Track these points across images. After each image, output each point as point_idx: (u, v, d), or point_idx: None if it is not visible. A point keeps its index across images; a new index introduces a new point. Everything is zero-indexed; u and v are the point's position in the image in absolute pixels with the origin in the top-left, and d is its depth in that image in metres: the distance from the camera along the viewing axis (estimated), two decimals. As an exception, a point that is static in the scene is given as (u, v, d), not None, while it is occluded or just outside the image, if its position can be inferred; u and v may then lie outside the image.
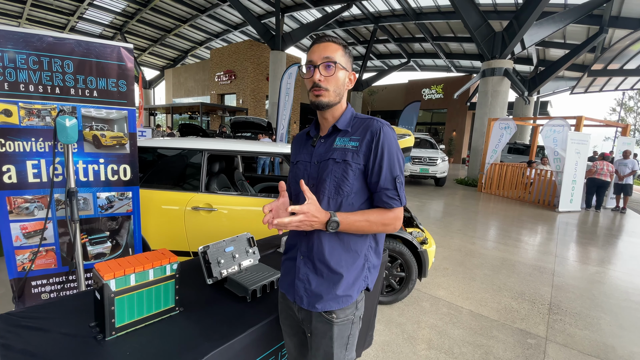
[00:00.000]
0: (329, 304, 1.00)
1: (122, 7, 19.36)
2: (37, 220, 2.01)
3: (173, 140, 3.10)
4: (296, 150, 1.16)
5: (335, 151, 1.01)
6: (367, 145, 0.98)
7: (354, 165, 0.98)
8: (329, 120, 1.06)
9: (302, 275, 1.04)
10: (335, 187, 1.00)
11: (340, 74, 0.99)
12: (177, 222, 2.68)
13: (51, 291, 2.13)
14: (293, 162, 1.15)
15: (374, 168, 0.98)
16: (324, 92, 0.98)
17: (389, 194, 0.97)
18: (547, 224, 6.43)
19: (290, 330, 1.15)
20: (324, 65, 0.97)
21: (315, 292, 1.01)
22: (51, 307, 1.19)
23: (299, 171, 1.10)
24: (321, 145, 1.06)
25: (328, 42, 0.99)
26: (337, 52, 0.98)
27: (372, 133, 0.98)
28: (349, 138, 1.01)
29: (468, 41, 17.03)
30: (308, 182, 1.04)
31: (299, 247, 1.06)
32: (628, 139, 9.22)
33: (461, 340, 2.41)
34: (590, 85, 14.13)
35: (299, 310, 1.07)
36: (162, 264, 1.14)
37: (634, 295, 3.42)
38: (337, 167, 0.99)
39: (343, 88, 1.02)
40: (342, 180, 0.99)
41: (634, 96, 32.97)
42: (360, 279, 1.04)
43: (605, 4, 10.66)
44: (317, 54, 0.98)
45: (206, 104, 18.40)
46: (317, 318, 1.02)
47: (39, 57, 1.87)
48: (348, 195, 0.99)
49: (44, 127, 1.94)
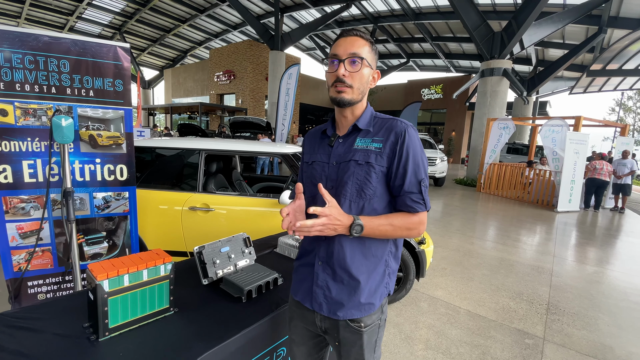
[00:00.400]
0: (351, 311, 0.97)
1: (121, 7, 19.36)
2: (33, 221, 2.00)
3: (170, 140, 3.09)
4: (310, 149, 1.10)
5: (357, 152, 0.96)
6: (391, 147, 0.94)
7: (377, 168, 0.94)
8: (348, 118, 1.01)
9: (320, 282, 1.00)
10: (357, 190, 0.95)
11: (365, 70, 0.94)
12: (175, 222, 2.68)
13: (47, 292, 2.13)
14: (307, 162, 1.09)
15: (398, 171, 0.93)
16: (347, 88, 0.94)
17: (413, 197, 0.93)
18: (545, 224, 6.44)
19: (299, 338, 1.10)
20: (349, 61, 0.92)
21: (335, 299, 0.97)
22: (45, 308, 1.18)
23: (315, 172, 1.04)
24: (340, 145, 1.01)
25: (355, 37, 0.94)
26: (364, 48, 0.93)
27: (396, 134, 0.93)
28: (371, 139, 0.96)
29: (467, 41, 17.04)
30: (326, 184, 1.00)
31: (317, 253, 1.01)
32: (627, 139, 9.23)
33: (459, 341, 2.41)
34: (589, 85, 14.16)
35: (321, 319, 1.02)
36: (157, 264, 1.13)
37: (632, 295, 3.42)
38: (359, 169, 0.95)
39: (366, 86, 0.97)
40: (365, 182, 0.94)
41: (632, 96, 33.02)
42: (382, 286, 1.01)
43: (604, 4, 10.67)
44: (342, 47, 0.93)
45: (205, 104, 18.41)
46: (346, 328, 0.98)
47: (35, 57, 1.86)
48: (370, 198, 0.95)
49: (40, 127, 1.93)
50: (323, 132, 1.09)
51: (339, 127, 1.05)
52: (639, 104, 33.35)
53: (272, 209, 2.64)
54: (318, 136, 1.10)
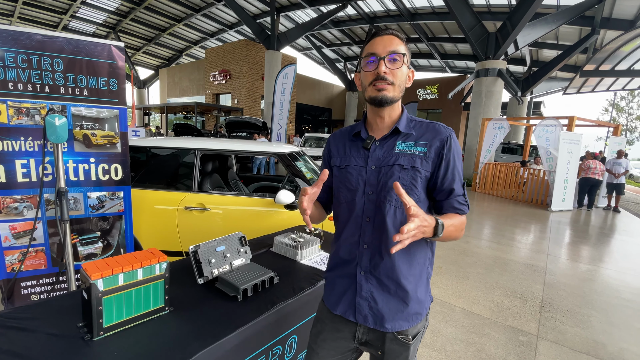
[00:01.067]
0: (399, 323, 0.94)
1: (115, 6, 19.20)
2: (27, 221, 1.98)
3: (166, 139, 3.08)
4: (340, 152, 1.05)
5: (401, 156, 0.93)
6: (436, 152, 0.93)
7: (423, 173, 0.92)
8: (385, 120, 0.98)
9: (365, 293, 0.96)
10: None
11: (404, 68, 0.93)
12: (170, 222, 2.67)
13: (41, 292, 2.11)
14: (339, 166, 1.04)
15: (446, 176, 0.93)
16: (389, 86, 0.91)
17: (460, 200, 0.95)
18: (539, 223, 6.50)
19: (327, 353, 1.04)
20: (389, 58, 0.90)
21: (383, 311, 0.94)
22: (38, 308, 1.18)
23: (351, 177, 0.99)
24: (377, 148, 0.97)
25: (392, 35, 0.93)
26: (401, 46, 0.92)
27: (441, 140, 0.93)
28: (413, 143, 0.94)
29: (462, 42, 17.13)
30: (365, 188, 0.96)
31: (358, 262, 0.97)
32: (619, 139, 9.34)
33: (454, 338, 2.43)
34: (582, 85, 14.28)
35: (364, 331, 0.99)
36: (151, 263, 1.13)
37: (624, 292, 3.46)
38: (405, 174, 0.92)
39: (404, 84, 0.95)
40: (411, 188, 0.92)
41: (625, 97, 33.41)
42: (427, 294, 0.99)
43: (597, 6, 10.79)
44: (381, 46, 0.91)
45: (201, 103, 18.31)
46: (393, 340, 0.96)
47: (28, 56, 1.85)
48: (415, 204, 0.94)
49: (33, 126, 1.92)
50: (355, 135, 1.04)
51: (372, 129, 1.01)
52: (631, 104, 33.76)
53: (268, 208, 2.64)
54: (347, 138, 1.06)
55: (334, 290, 1.04)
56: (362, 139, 1.01)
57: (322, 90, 26.70)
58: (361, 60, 0.96)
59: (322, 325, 1.07)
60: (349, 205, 1.00)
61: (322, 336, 1.05)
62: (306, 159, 3.28)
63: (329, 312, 1.05)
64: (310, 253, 1.83)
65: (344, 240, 1.02)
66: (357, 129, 1.04)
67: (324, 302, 1.09)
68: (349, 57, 24.24)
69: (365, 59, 0.94)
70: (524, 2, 9.38)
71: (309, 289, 1.45)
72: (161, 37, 23.54)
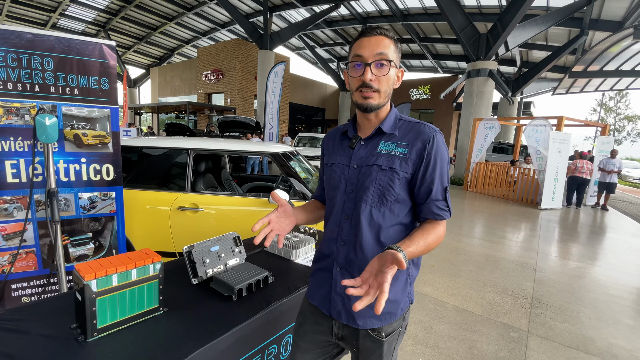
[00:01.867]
0: (371, 320, 0.94)
1: (105, 4, 18.95)
2: (17, 222, 1.95)
3: (158, 139, 3.06)
4: (330, 151, 1.07)
5: (380, 157, 0.92)
6: (417, 154, 0.90)
7: (401, 174, 0.90)
8: (372, 121, 0.97)
9: (339, 289, 0.96)
10: (379, 195, 0.92)
11: (392, 72, 0.90)
12: (163, 222, 2.65)
13: (32, 294, 2.08)
14: (327, 163, 1.06)
15: (424, 178, 0.90)
16: (374, 93, 0.89)
17: (439, 205, 0.92)
18: (530, 221, 6.60)
19: (306, 345, 1.06)
20: (376, 64, 0.87)
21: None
22: (31, 309, 1.16)
23: (334, 175, 1.00)
24: (361, 148, 0.97)
25: (380, 36, 0.88)
26: (389, 48, 0.88)
27: (423, 141, 0.90)
28: (395, 143, 0.93)
29: (454, 42, 17.30)
30: (346, 187, 0.97)
31: (335, 258, 0.98)
32: (607, 139, 9.53)
33: (446, 335, 2.46)
34: (571, 86, 14.54)
35: (339, 326, 0.99)
36: (145, 263, 1.12)
37: (612, 289, 3.54)
38: (382, 175, 0.91)
39: (391, 88, 0.93)
40: (387, 188, 0.91)
41: (613, 97, 34.09)
42: (404, 295, 0.98)
43: (585, 7, 10.99)
44: (368, 49, 0.87)
45: (193, 103, 18.18)
46: (365, 337, 0.96)
47: (18, 54, 1.82)
48: (392, 204, 0.92)
49: (23, 126, 1.89)
50: (343, 134, 1.04)
51: (360, 129, 1.01)
52: (619, 104, 34.46)
53: (262, 208, 2.64)
54: (338, 137, 1.06)
55: (314, 283, 1.06)
56: (349, 138, 1.02)
57: (315, 90, 26.71)
58: (349, 61, 0.94)
59: (303, 317, 1.09)
60: (332, 202, 1.02)
61: (304, 328, 1.07)
62: (300, 159, 3.29)
63: (309, 304, 1.07)
64: (304, 252, 1.84)
65: (325, 236, 1.04)
66: (346, 128, 1.05)
67: (306, 294, 1.11)
68: (342, 57, 24.27)
69: (352, 62, 0.91)
70: (514, 4, 9.52)
71: (303, 288, 1.46)
72: (152, 35, 23.28)
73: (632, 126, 34.84)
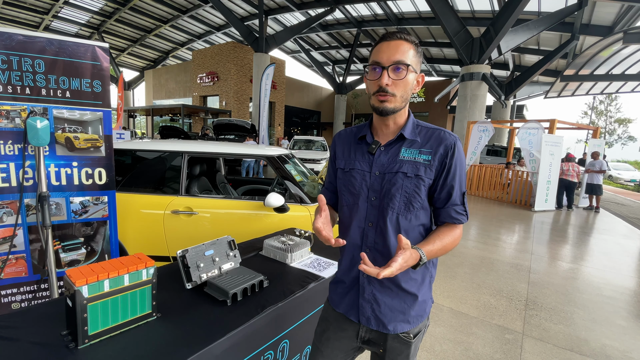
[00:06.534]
0: (402, 325, 0.95)
1: (99, 6, 18.85)
2: (7, 227, 1.91)
3: (152, 142, 3.03)
4: (345, 155, 1.05)
5: (405, 164, 0.92)
6: (439, 160, 0.91)
7: (426, 181, 0.91)
8: (390, 126, 0.97)
9: (367, 295, 0.97)
10: (405, 203, 0.92)
11: (410, 77, 0.89)
12: (157, 226, 2.62)
13: (22, 300, 2.04)
14: (344, 169, 1.03)
15: (445, 183, 0.92)
16: (391, 97, 0.89)
17: (458, 209, 0.93)
18: (523, 223, 6.65)
19: (331, 352, 1.05)
20: (393, 68, 0.87)
21: (384, 313, 0.96)
22: (21, 316, 1.14)
23: (355, 181, 0.99)
24: (382, 154, 0.96)
25: (400, 40, 0.88)
26: (408, 53, 0.88)
27: (446, 147, 0.91)
28: (418, 150, 0.93)
29: (448, 46, 17.48)
30: (368, 194, 0.96)
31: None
32: (598, 141, 9.66)
33: (442, 338, 2.46)
34: (562, 89, 14.76)
35: (367, 331, 1.00)
36: (138, 268, 1.11)
37: (605, 290, 3.58)
38: (408, 182, 0.91)
39: (409, 93, 0.92)
40: (414, 196, 0.92)
41: (604, 100, 34.62)
42: (429, 297, 1.00)
43: (576, 12, 11.18)
44: (386, 54, 0.87)
45: (188, 105, 18.10)
46: (394, 339, 0.97)
47: (8, 56, 1.79)
48: (417, 211, 0.93)
49: (13, 129, 1.86)
50: (360, 138, 1.02)
51: (377, 134, 1.00)
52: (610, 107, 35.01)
53: (257, 211, 2.62)
54: (353, 141, 1.04)
55: (337, 290, 1.06)
56: (367, 143, 1.00)
57: (310, 93, 26.78)
58: (368, 64, 0.94)
59: (326, 324, 1.08)
60: (351, 209, 1.01)
61: (327, 335, 1.07)
62: (295, 162, 3.28)
63: (333, 311, 1.07)
64: (300, 256, 1.83)
65: (348, 244, 1.02)
66: (363, 133, 1.02)
67: (328, 301, 1.10)
68: (338, 60, 24.40)
69: (370, 66, 0.92)
70: (506, 9, 9.65)
71: (299, 292, 1.44)
72: (147, 38, 23.20)
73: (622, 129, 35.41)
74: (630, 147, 35.15)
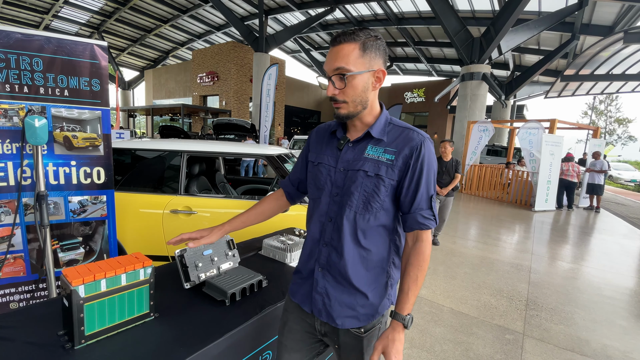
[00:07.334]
0: (350, 320, 0.94)
1: (99, 6, 18.84)
2: (4, 226, 1.90)
3: (151, 141, 3.02)
4: (317, 149, 1.04)
5: (367, 162, 0.90)
6: (404, 160, 0.88)
7: (387, 181, 0.89)
8: (357, 126, 0.96)
9: (320, 289, 0.97)
10: (364, 202, 0.90)
11: (357, 81, 0.86)
12: (156, 225, 2.61)
13: (20, 300, 2.03)
14: (313, 161, 1.04)
15: (410, 186, 0.89)
16: (342, 104, 0.88)
17: (424, 214, 0.90)
18: (524, 223, 6.64)
19: (293, 344, 1.05)
20: (335, 77, 0.86)
21: (334, 307, 0.95)
22: (17, 316, 1.13)
23: (320, 175, 0.99)
24: (349, 150, 0.95)
25: (341, 45, 0.85)
26: (351, 56, 0.84)
27: (411, 148, 0.88)
28: (383, 149, 0.90)
29: (448, 46, 17.45)
30: (332, 189, 0.95)
31: (317, 258, 0.98)
32: (598, 141, 9.65)
33: (442, 338, 2.45)
34: (563, 89, 14.75)
35: (321, 323, 1.00)
36: (136, 268, 1.10)
37: (605, 290, 3.57)
38: (368, 181, 0.90)
39: (365, 94, 0.89)
40: (373, 195, 0.90)
41: (604, 100, 34.63)
42: (384, 298, 0.97)
43: (576, 12, 11.17)
44: (329, 63, 0.86)
45: (188, 105, 18.09)
46: (345, 333, 0.96)
47: (6, 55, 1.78)
48: (377, 211, 0.91)
49: (11, 128, 1.85)
50: (332, 133, 1.02)
51: (349, 130, 0.99)
52: (610, 107, 35.01)
53: (256, 211, 2.61)
54: (326, 135, 1.04)
55: (295, 280, 1.07)
56: (337, 138, 1.00)
57: (310, 92, 26.75)
58: None
59: (287, 314, 1.09)
60: (315, 203, 1.01)
61: (288, 326, 1.07)
62: (295, 161, 3.27)
63: (291, 302, 1.08)
64: (299, 255, 1.82)
65: (308, 236, 1.04)
66: (335, 128, 1.02)
67: (289, 292, 1.11)
68: (337, 60, 24.30)
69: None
70: (507, 8, 9.63)
71: (298, 291, 1.43)
72: (147, 38, 23.19)
73: (622, 129, 35.42)
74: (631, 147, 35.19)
